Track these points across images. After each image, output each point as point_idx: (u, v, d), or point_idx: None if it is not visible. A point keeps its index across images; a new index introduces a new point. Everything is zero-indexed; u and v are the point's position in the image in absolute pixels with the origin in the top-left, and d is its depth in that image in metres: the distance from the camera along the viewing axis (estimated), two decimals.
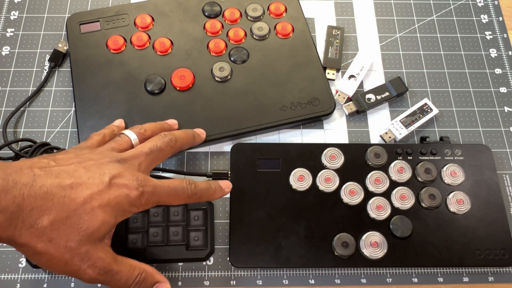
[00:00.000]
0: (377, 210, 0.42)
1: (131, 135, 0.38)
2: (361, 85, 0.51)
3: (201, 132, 0.44)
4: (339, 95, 0.49)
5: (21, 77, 0.50)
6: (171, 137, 0.39)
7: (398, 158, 0.45)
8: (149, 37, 0.50)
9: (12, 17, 0.54)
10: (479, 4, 0.57)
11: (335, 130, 0.48)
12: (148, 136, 0.39)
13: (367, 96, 0.49)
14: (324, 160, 0.44)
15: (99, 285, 0.40)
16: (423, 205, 0.43)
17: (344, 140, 0.48)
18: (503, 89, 0.51)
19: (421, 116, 0.48)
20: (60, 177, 0.31)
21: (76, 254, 0.31)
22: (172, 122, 0.44)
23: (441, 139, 0.47)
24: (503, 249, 0.41)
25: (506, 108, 0.50)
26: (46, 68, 0.51)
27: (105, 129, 0.41)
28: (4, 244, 0.41)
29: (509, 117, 0.50)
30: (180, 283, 0.41)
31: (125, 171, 0.33)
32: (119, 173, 0.33)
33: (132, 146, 0.38)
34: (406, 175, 0.44)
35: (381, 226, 0.42)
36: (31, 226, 0.29)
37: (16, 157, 0.43)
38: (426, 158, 0.45)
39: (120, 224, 0.40)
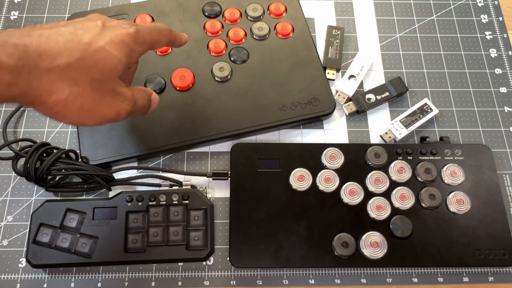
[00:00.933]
0: (377, 210, 0.42)
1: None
2: (361, 85, 0.51)
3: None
4: (339, 95, 0.49)
5: None
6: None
7: (398, 158, 0.45)
8: None
9: (12, 17, 0.54)
10: (479, 4, 0.57)
11: (335, 130, 0.48)
12: None
13: (367, 96, 0.49)
14: (324, 160, 0.44)
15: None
16: (423, 205, 0.43)
17: (344, 140, 0.48)
18: (503, 89, 0.51)
19: (421, 116, 0.48)
20: (55, 27, 0.31)
21: (106, 91, 0.31)
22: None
23: (441, 139, 0.47)
24: (503, 249, 0.41)
25: (506, 108, 0.50)
26: None
27: None
28: (4, 244, 0.42)
29: (509, 117, 0.50)
30: (180, 283, 0.41)
31: (112, 19, 0.34)
32: (107, 19, 0.33)
33: None
34: (406, 175, 0.44)
35: (381, 226, 0.42)
36: (48, 70, 0.28)
37: (16, 157, 0.43)
38: (426, 158, 0.45)
39: (120, 224, 0.41)
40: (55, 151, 0.42)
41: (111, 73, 0.31)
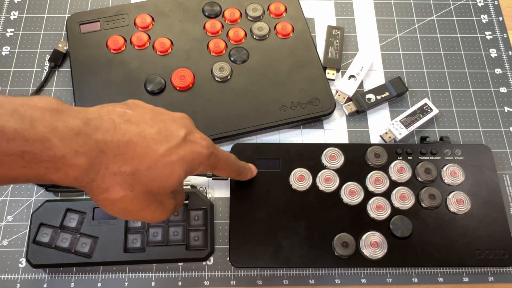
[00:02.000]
0: (377, 210, 0.42)
1: None
2: (361, 85, 0.51)
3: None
4: (339, 95, 0.49)
5: (21, 77, 0.50)
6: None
7: (398, 158, 0.45)
8: (149, 37, 0.50)
9: (12, 17, 0.54)
10: (479, 4, 0.56)
11: (335, 130, 0.48)
12: None
13: (367, 96, 0.49)
14: (324, 160, 0.44)
15: None
16: (423, 205, 0.43)
17: (344, 140, 0.48)
18: (503, 89, 0.51)
19: (421, 116, 0.48)
20: (140, 127, 0.30)
21: (153, 202, 0.31)
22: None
23: (441, 139, 0.47)
24: (503, 249, 0.41)
25: (506, 108, 0.50)
26: (46, 68, 0.51)
27: None
28: (4, 244, 0.42)
29: (509, 117, 0.50)
30: (180, 283, 0.41)
31: (196, 130, 0.34)
32: (192, 130, 0.33)
33: None
34: (406, 175, 0.44)
35: (381, 226, 0.42)
36: (114, 174, 0.29)
37: None
38: (426, 158, 0.45)
39: (120, 224, 0.41)
40: None
41: (168, 189, 0.31)
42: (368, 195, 0.43)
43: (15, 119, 0.25)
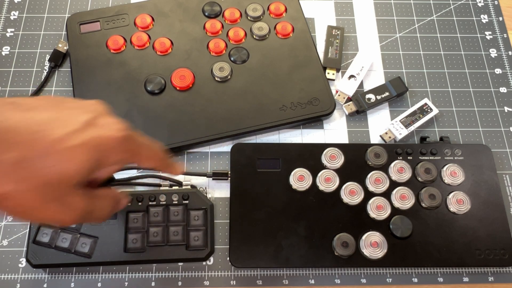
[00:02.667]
0: (377, 210, 0.42)
1: None
2: (361, 85, 0.51)
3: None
4: (339, 95, 0.49)
5: (21, 77, 0.50)
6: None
7: (398, 158, 0.45)
8: (149, 37, 0.50)
9: (12, 17, 0.54)
10: (479, 4, 0.57)
11: (335, 130, 0.48)
12: None
13: (367, 96, 0.49)
14: (324, 160, 0.44)
15: None
16: (423, 205, 0.43)
17: (344, 140, 0.48)
18: (503, 89, 0.51)
19: (421, 116, 0.48)
20: (32, 111, 0.27)
21: (52, 199, 0.27)
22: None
23: (441, 139, 0.47)
24: (503, 249, 0.41)
25: (506, 108, 0.50)
26: (46, 68, 0.51)
27: None
28: (4, 244, 0.42)
29: (509, 117, 0.50)
30: (180, 283, 0.41)
31: (110, 115, 0.30)
32: (102, 114, 0.29)
33: None
34: (406, 175, 0.44)
35: (381, 226, 0.42)
36: None
37: None
38: (426, 158, 0.45)
39: (120, 224, 0.41)
40: None
41: (67, 181, 0.27)
42: (368, 195, 0.43)
43: None
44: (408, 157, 0.45)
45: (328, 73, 0.50)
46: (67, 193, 0.27)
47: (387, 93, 0.49)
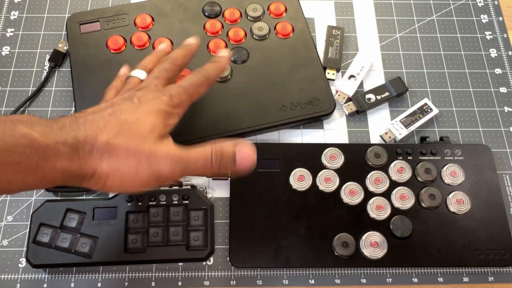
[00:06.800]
0: (377, 210, 0.42)
1: (139, 74, 0.39)
2: (361, 85, 0.51)
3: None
4: (339, 95, 0.49)
5: (21, 77, 0.50)
6: (169, 60, 0.40)
7: (398, 158, 0.45)
8: (149, 37, 0.50)
9: (12, 17, 0.54)
10: (479, 4, 0.56)
11: (335, 130, 0.48)
12: (151, 68, 0.40)
13: (367, 96, 0.49)
14: (324, 160, 0.44)
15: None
16: (423, 205, 0.43)
17: (344, 140, 0.48)
18: (503, 89, 0.51)
19: (421, 116, 0.48)
20: (97, 113, 0.33)
21: (141, 156, 0.31)
22: (163, 46, 0.46)
23: (441, 139, 0.47)
24: (503, 249, 0.41)
25: (506, 108, 0.50)
26: (46, 68, 0.51)
27: (115, 81, 0.41)
28: (4, 244, 0.42)
29: (509, 117, 0.50)
30: (180, 283, 0.41)
31: (146, 91, 0.35)
32: (142, 93, 0.35)
33: None
34: (406, 175, 0.44)
35: (381, 226, 0.42)
36: (91, 152, 0.31)
37: None
38: (426, 158, 0.45)
39: (120, 224, 0.41)
40: None
41: (147, 135, 0.32)
42: (368, 195, 0.43)
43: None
44: (408, 157, 0.45)
45: (328, 73, 0.50)
46: (153, 146, 0.32)
47: (387, 93, 0.49)
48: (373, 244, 0.41)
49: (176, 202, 0.42)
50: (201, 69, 0.39)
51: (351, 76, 0.50)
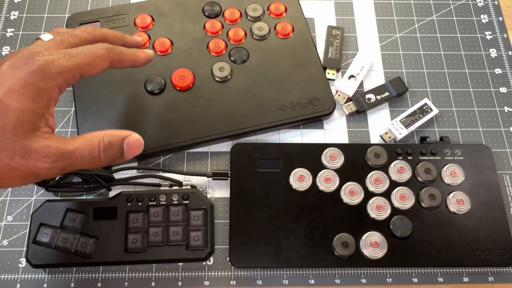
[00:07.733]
0: (377, 210, 0.42)
1: (44, 36, 0.33)
2: (361, 85, 0.51)
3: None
4: (339, 95, 0.49)
5: None
6: (89, 29, 0.34)
7: (398, 158, 0.45)
8: (149, 37, 0.50)
9: (12, 17, 0.54)
10: (479, 4, 0.57)
11: (335, 130, 0.48)
12: (71, 40, 0.33)
13: (367, 96, 0.49)
14: (324, 160, 0.44)
15: None
16: (423, 205, 0.43)
17: (344, 140, 0.48)
18: (503, 89, 0.51)
19: (421, 116, 0.48)
20: None
21: (13, 152, 0.27)
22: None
23: (441, 139, 0.47)
24: (503, 249, 0.41)
25: (506, 108, 0.50)
26: None
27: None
28: (4, 244, 0.42)
29: (509, 117, 0.50)
30: (180, 283, 0.41)
31: (19, 53, 0.29)
32: (12, 55, 0.28)
33: None
34: (406, 175, 0.44)
35: (381, 226, 0.42)
36: None
37: None
38: (426, 158, 0.45)
39: (120, 224, 0.41)
40: None
41: (16, 130, 0.27)
42: (368, 195, 0.43)
43: None
44: (408, 157, 0.45)
45: (328, 73, 0.50)
46: (26, 141, 0.27)
47: (387, 93, 0.49)
48: (373, 244, 0.41)
49: (176, 202, 0.42)
50: (110, 45, 0.34)
51: (351, 76, 0.50)
